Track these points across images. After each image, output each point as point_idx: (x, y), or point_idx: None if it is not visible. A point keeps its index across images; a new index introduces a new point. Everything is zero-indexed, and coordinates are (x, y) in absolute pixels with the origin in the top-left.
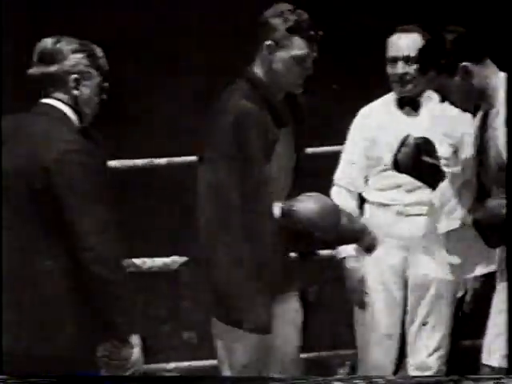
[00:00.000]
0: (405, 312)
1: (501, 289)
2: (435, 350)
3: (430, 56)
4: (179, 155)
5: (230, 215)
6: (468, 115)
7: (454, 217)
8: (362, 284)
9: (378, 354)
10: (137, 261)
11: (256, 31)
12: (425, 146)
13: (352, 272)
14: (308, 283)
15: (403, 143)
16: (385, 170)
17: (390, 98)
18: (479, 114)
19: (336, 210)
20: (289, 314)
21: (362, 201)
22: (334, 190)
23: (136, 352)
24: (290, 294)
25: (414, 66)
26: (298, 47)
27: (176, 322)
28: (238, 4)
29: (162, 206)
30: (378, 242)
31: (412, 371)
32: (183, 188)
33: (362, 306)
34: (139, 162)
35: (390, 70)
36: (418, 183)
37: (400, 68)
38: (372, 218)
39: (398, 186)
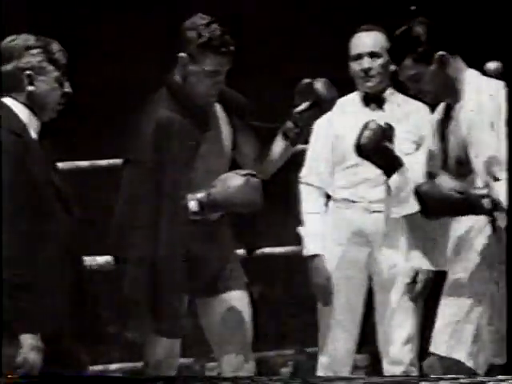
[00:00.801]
0: (369, 308)
1: (451, 281)
2: (406, 343)
3: (407, 44)
4: None
5: (144, 216)
6: (429, 115)
7: (408, 203)
8: (328, 282)
9: (338, 350)
10: (88, 259)
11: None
12: (388, 132)
13: (319, 270)
14: (251, 282)
15: (366, 127)
16: (350, 167)
17: (354, 96)
18: (441, 106)
19: (250, 182)
20: (231, 312)
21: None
22: (301, 188)
23: (23, 352)
24: (231, 292)
25: (379, 61)
26: (210, 63)
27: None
28: None
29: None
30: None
31: (386, 365)
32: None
33: (327, 303)
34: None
35: (354, 66)
36: (383, 179)
37: (366, 63)
38: (336, 214)
39: (363, 182)
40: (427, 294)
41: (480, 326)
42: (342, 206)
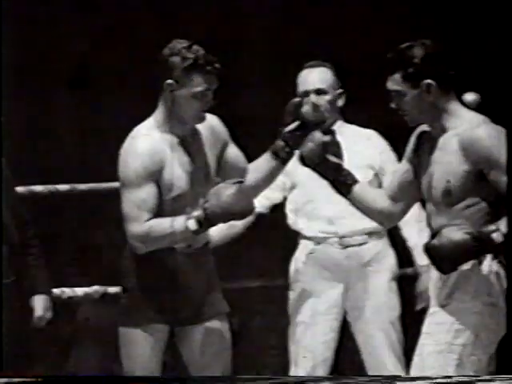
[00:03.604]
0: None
1: (432, 312)
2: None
3: (402, 59)
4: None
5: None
6: (382, 141)
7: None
8: None
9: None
10: (56, 290)
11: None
12: (331, 146)
13: None
14: (230, 312)
15: (310, 139)
16: (310, 202)
17: None
18: (417, 133)
19: (242, 188)
20: (212, 341)
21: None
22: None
23: None
24: (212, 321)
25: (326, 98)
26: (198, 84)
27: None
28: None
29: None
30: None
31: None
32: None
33: None
34: (60, 187)
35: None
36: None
37: (312, 98)
38: (309, 253)
39: (332, 217)
40: None
41: (463, 356)
42: (315, 242)
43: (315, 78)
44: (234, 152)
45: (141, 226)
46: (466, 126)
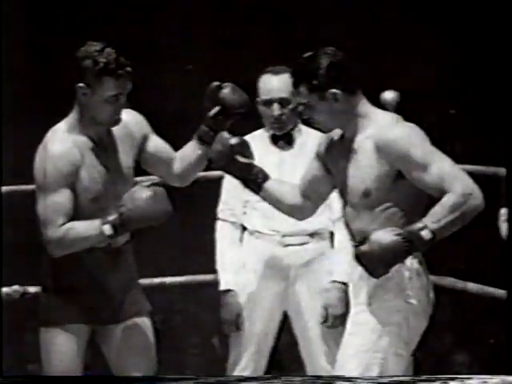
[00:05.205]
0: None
1: (355, 312)
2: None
3: (306, 71)
4: None
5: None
6: None
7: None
8: (237, 318)
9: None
10: None
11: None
12: (238, 146)
13: (229, 306)
14: (152, 310)
15: (217, 141)
16: (261, 201)
17: (262, 134)
18: (329, 134)
19: (157, 192)
20: (134, 339)
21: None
22: (217, 223)
23: None
24: (133, 320)
25: (289, 107)
26: (109, 88)
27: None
28: None
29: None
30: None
31: None
32: None
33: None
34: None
35: (264, 110)
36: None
37: (276, 110)
38: (251, 246)
39: (275, 216)
40: (342, 323)
41: (387, 355)
42: (256, 237)
43: (278, 86)
44: (156, 143)
45: (56, 231)
46: (378, 127)
